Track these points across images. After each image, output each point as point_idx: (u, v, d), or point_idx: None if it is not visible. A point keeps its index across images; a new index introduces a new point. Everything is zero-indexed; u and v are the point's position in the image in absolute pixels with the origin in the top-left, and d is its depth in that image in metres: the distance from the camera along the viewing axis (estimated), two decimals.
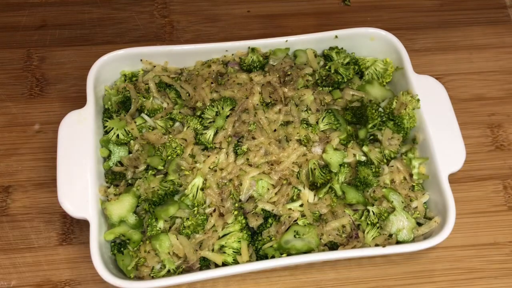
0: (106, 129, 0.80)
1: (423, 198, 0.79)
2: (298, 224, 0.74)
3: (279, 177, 0.77)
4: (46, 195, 0.84)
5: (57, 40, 0.99)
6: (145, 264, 0.72)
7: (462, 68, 1.00)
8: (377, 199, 0.77)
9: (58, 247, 0.81)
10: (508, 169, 0.90)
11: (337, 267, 0.80)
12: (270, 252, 0.73)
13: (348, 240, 0.75)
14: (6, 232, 0.82)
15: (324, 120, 0.82)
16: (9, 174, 0.86)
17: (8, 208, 0.83)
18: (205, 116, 0.81)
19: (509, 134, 0.93)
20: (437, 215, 0.77)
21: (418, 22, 1.06)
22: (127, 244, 0.74)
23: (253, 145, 0.79)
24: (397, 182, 0.79)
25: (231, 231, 0.74)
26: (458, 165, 0.78)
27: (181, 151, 0.77)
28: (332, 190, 0.77)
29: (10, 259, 0.80)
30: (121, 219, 0.74)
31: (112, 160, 0.79)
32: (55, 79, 0.95)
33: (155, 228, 0.73)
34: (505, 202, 0.87)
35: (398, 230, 0.75)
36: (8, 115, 0.91)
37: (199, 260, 0.74)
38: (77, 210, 0.72)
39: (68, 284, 0.78)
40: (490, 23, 1.05)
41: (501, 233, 0.84)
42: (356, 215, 0.77)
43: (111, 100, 0.83)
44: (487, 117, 0.95)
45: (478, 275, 0.81)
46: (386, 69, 0.87)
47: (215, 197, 0.76)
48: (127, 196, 0.75)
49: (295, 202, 0.76)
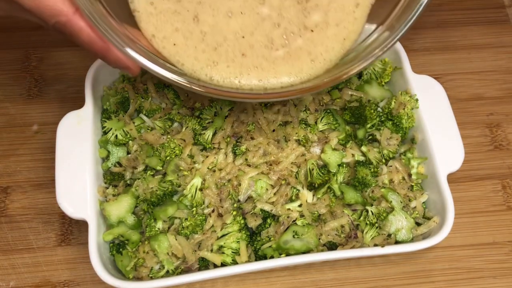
0: (105, 130, 0.80)
1: (422, 198, 0.79)
2: (297, 224, 0.74)
3: (278, 177, 0.77)
4: (44, 195, 0.84)
5: (56, 41, 0.99)
6: (144, 265, 0.72)
7: (460, 68, 1.00)
8: (376, 199, 0.77)
9: (57, 247, 0.81)
10: (507, 169, 0.90)
11: (336, 267, 0.80)
12: (269, 252, 0.74)
13: (347, 240, 0.75)
14: (4, 233, 0.82)
15: (323, 120, 0.82)
16: (7, 175, 0.86)
17: (6, 209, 0.83)
18: (203, 117, 0.81)
19: (507, 133, 0.93)
20: (436, 215, 0.77)
21: (416, 22, 1.05)
22: (125, 244, 0.74)
23: (252, 145, 0.79)
24: (396, 182, 0.79)
25: (230, 231, 0.74)
26: (457, 165, 0.78)
27: (180, 151, 0.77)
28: (331, 190, 0.77)
29: (9, 260, 0.80)
30: (119, 220, 0.74)
31: (110, 160, 0.79)
32: (54, 79, 0.95)
33: (153, 228, 0.73)
34: (504, 202, 0.87)
35: (397, 230, 0.75)
36: (6, 116, 0.91)
37: (198, 261, 0.74)
38: (76, 210, 0.72)
39: (67, 285, 0.78)
40: (488, 23, 1.05)
41: (500, 233, 0.84)
42: (355, 215, 0.77)
43: (109, 101, 0.83)
44: (486, 116, 0.95)
45: (477, 275, 0.81)
46: (385, 69, 0.87)
47: (214, 198, 0.76)
48: (125, 196, 0.75)
49: (294, 202, 0.76)
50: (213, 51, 0.64)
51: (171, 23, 0.65)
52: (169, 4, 0.65)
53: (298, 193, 0.77)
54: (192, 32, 0.65)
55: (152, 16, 0.65)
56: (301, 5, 0.65)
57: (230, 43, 0.65)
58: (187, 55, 0.64)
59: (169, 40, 0.65)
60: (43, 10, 0.56)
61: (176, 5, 0.65)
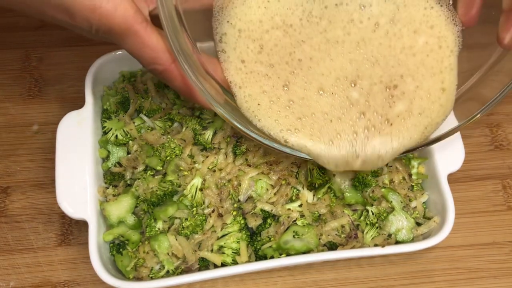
0: (105, 130, 0.80)
1: (422, 198, 0.79)
2: (297, 225, 0.74)
3: (278, 177, 0.77)
4: (44, 196, 0.84)
5: (56, 40, 0.99)
6: (144, 265, 0.72)
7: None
8: (376, 199, 0.77)
9: (57, 248, 0.81)
10: (507, 169, 0.90)
11: (336, 267, 0.80)
12: (269, 252, 0.73)
13: (347, 240, 0.75)
14: (5, 233, 0.82)
15: None
16: (7, 175, 0.86)
17: (6, 209, 0.83)
18: (203, 117, 0.81)
19: (508, 133, 0.93)
20: (436, 215, 0.77)
21: None
22: (126, 244, 0.74)
23: (252, 145, 0.78)
24: (396, 182, 0.79)
25: (230, 231, 0.74)
26: (457, 165, 0.78)
27: (180, 151, 0.77)
28: (331, 190, 0.77)
29: (9, 260, 0.80)
30: (120, 220, 0.74)
31: (110, 160, 0.79)
32: (54, 79, 0.95)
33: (154, 228, 0.73)
34: (504, 202, 0.87)
35: (397, 230, 0.75)
36: (6, 116, 0.91)
37: (198, 261, 0.74)
38: (76, 211, 0.72)
39: (67, 285, 0.78)
40: (488, 23, 1.05)
41: (500, 233, 0.84)
42: (355, 215, 0.77)
43: (109, 101, 0.83)
44: (486, 116, 0.95)
45: (477, 275, 0.81)
46: None
47: (214, 198, 0.75)
48: (125, 196, 0.74)
49: (294, 202, 0.76)
50: (297, 120, 0.65)
51: (260, 85, 0.66)
52: (261, 68, 0.66)
53: (298, 193, 0.77)
54: (279, 97, 0.65)
55: (241, 72, 0.66)
56: (388, 92, 0.65)
57: (317, 120, 0.65)
58: (268, 115, 0.66)
59: (254, 99, 0.66)
60: (143, 55, 0.62)
61: (268, 70, 0.66)
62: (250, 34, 0.66)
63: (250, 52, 0.66)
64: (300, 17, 0.66)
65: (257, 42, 0.66)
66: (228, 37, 0.67)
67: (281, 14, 0.66)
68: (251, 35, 0.66)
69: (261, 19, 0.66)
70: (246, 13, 0.66)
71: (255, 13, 0.66)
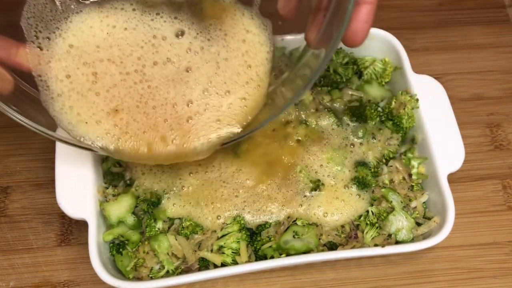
0: None
1: (422, 198, 0.79)
2: (297, 225, 0.74)
3: None
4: (44, 196, 0.84)
5: None
6: (144, 265, 0.72)
7: (461, 68, 1.00)
8: (376, 199, 0.77)
9: (57, 248, 0.81)
10: (507, 169, 0.90)
11: (336, 267, 0.80)
12: (269, 252, 0.73)
13: (347, 240, 0.75)
14: (4, 233, 0.82)
15: (323, 119, 0.82)
16: (7, 175, 0.86)
17: (6, 209, 0.83)
18: None
19: (508, 133, 0.93)
20: (436, 215, 0.77)
21: (416, 22, 1.06)
22: (126, 244, 0.74)
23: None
24: (396, 182, 0.79)
25: (230, 231, 0.74)
26: (457, 165, 0.78)
27: None
28: None
29: (9, 260, 0.80)
30: (119, 220, 0.73)
31: (110, 160, 0.79)
32: None
33: (153, 228, 0.73)
34: (504, 202, 0.87)
35: (397, 230, 0.75)
36: (6, 116, 0.91)
37: (198, 261, 0.73)
38: (76, 211, 0.72)
39: (67, 285, 0.78)
40: (489, 23, 1.05)
41: (500, 233, 0.84)
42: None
43: None
44: (486, 116, 0.95)
45: (477, 275, 0.81)
46: (385, 68, 0.87)
47: None
48: (125, 196, 0.74)
49: None
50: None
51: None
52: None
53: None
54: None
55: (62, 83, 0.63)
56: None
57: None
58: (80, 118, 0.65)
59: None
60: None
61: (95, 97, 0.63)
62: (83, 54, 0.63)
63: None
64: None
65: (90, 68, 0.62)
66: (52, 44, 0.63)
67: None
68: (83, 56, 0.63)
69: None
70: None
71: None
